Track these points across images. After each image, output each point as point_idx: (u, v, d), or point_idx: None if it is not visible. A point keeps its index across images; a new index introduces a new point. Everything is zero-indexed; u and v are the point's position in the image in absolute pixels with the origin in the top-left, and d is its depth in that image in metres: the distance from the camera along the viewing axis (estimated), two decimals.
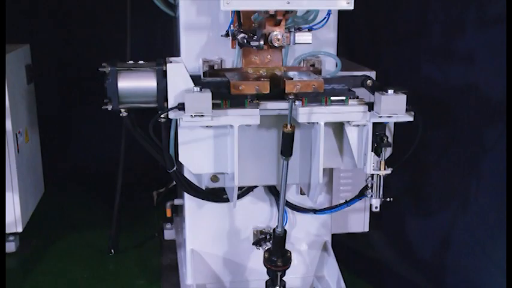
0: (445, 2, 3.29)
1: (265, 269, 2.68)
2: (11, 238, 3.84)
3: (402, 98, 2.44)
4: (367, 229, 3.77)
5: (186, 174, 2.89)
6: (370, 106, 2.53)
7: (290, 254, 2.67)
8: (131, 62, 2.57)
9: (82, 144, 5.10)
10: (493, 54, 2.83)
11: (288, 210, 3.08)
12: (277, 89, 2.53)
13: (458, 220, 3.21)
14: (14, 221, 3.65)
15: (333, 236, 3.27)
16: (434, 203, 3.48)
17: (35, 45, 4.09)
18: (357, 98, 2.59)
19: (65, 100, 4.97)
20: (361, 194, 2.77)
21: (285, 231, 2.63)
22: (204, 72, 2.85)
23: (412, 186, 3.75)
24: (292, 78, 2.51)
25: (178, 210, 4.00)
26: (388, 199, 2.70)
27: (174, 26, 3.29)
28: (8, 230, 3.68)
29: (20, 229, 3.73)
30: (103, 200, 4.52)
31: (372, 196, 2.67)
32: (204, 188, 2.93)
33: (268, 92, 2.50)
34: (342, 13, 2.83)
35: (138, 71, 2.52)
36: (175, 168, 2.77)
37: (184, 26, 2.85)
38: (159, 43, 4.31)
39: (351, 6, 2.35)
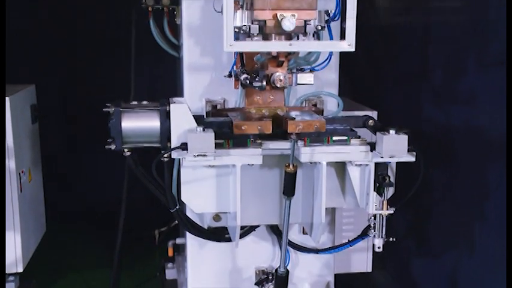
0: (445, 43, 3.34)
1: None
2: (11, 278, 3.80)
3: (404, 138, 2.46)
4: (370, 269, 3.73)
5: (188, 213, 2.89)
6: (372, 146, 2.55)
7: None
8: (135, 102, 2.60)
9: (84, 183, 5.10)
10: (493, 95, 2.85)
11: (291, 249, 3.06)
12: (280, 129, 2.55)
13: (463, 260, 3.18)
14: (15, 260, 3.63)
15: (336, 276, 3.24)
16: (438, 243, 3.46)
17: (41, 85, 4.14)
18: (359, 138, 2.61)
19: (68, 139, 5.00)
20: (364, 234, 2.76)
21: (288, 271, 2.61)
22: (207, 112, 2.87)
23: (415, 225, 3.74)
24: (294, 118, 2.53)
25: (180, 250, 3.98)
26: (391, 239, 2.69)
27: (177, 67, 3.33)
28: (8, 270, 3.65)
29: (20, 269, 3.69)
30: (104, 239, 4.49)
31: (374, 236, 2.66)
32: (206, 227, 2.93)
33: (270, 132, 2.51)
34: (343, 53, 2.87)
35: (141, 111, 2.54)
36: (177, 207, 2.77)
37: (187, 66, 2.89)
38: (162, 83, 4.35)
39: (352, 48, 2.38)
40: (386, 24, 4.23)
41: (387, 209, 2.58)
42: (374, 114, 3.32)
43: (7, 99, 3.36)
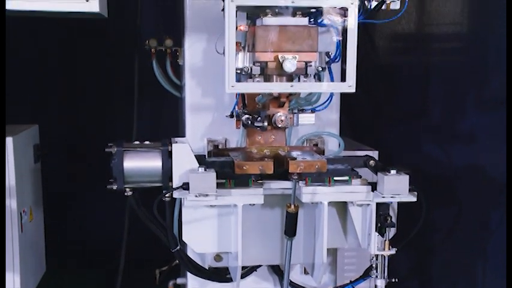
0: (445, 82, 3.37)
1: None
2: None
3: (405, 179, 2.46)
4: None
5: (189, 253, 2.87)
6: (373, 186, 2.55)
7: None
8: (137, 142, 2.62)
9: (85, 222, 5.08)
10: (493, 134, 2.87)
11: None
12: (281, 169, 2.56)
13: None
14: None
15: None
16: (441, 283, 3.43)
17: (42, 124, 4.17)
18: (360, 178, 2.61)
19: (69, 178, 5.00)
20: (366, 275, 2.75)
21: None
22: (208, 152, 2.88)
23: (417, 266, 3.71)
24: (295, 158, 2.53)
25: None
26: (393, 280, 2.67)
27: (179, 107, 3.36)
28: None
29: None
30: (104, 279, 4.46)
31: (376, 277, 2.64)
32: (207, 267, 2.91)
33: (272, 171, 2.52)
34: (344, 93, 2.89)
35: (143, 151, 2.56)
36: (178, 247, 2.76)
37: (189, 106, 2.91)
38: (165, 123, 4.39)
39: (353, 90, 2.40)
40: (387, 64, 4.28)
41: (389, 250, 2.57)
42: (375, 153, 3.32)
43: (10, 139, 3.38)
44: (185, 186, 2.43)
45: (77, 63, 4.75)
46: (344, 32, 2.40)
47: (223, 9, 2.34)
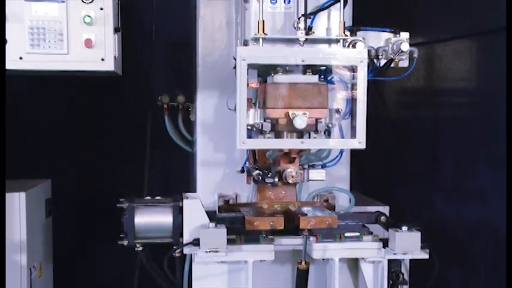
0: (455, 138, 3.38)
1: None
2: None
3: (416, 236, 2.45)
4: None
5: None
6: (385, 242, 2.54)
7: None
8: (148, 197, 2.63)
9: (94, 278, 5.05)
10: (505, 192, 2.86)
11: None
12: (292, 225, 2.55)
13: None
14: None
15: None
16: None
17: (55, 178, 4.19)
18: (371, 234, 2.60)
19: (79, 233, 4.99)
20: None
21: None
22: (219, 207, 2.89)
23: None
24: (306, 214, 2.53)
25: None
26: None
27: (191, 162, 3.38)
28: None
29: None
30: None
31: None
32: None
33: (282, 227, 2.52)
34: (354, 149, 2.90)
35: (154, 206, 2.57)
36: None
37: (201, 161, 2.94)
38: (176, 177, 4.41)
39: (363, 146, 2.41)
40: (397, 119, 4.31)
41: None
42: (386, 209, 3.30)
43: (23, 194, 3.40)
44: (196, 242, 2.43)
45: (89, 119, 4.82)
46: (354, 89, 2.43)
47: (234, 67, 2.39)
